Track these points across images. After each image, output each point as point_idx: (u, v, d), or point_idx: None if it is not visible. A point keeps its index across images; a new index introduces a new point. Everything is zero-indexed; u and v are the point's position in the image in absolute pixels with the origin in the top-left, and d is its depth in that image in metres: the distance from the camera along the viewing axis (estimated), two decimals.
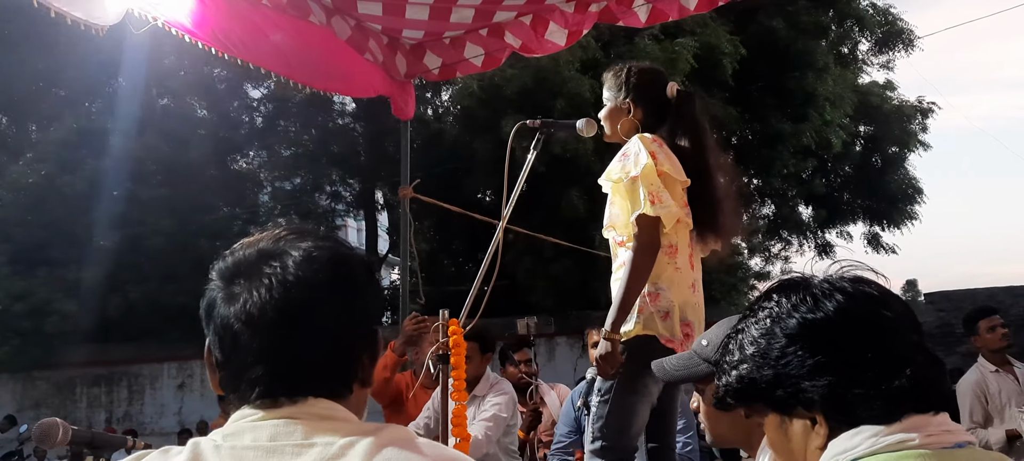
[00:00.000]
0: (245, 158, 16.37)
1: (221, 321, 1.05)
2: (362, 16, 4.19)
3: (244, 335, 1.03)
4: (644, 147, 2.66)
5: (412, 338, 4.06)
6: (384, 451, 1.00)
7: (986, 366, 4.80)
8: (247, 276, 1.06)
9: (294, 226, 1.14)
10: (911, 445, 1.07)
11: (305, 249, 1.08)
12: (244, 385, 1.04)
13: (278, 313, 1.03)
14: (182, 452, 1.03)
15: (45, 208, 13.00)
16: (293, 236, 1.10)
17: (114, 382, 13.72)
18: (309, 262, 1.06)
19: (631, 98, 2.84)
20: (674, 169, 2.67)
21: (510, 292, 10.63)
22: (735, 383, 1.18)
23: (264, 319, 1.03)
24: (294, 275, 1.05)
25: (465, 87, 11.63)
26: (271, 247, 1.09)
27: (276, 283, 1.04)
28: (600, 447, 2.66)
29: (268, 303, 1.03)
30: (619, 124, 2.86)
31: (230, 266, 1.08)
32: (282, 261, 1.06)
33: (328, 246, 1.10)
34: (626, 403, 2.61)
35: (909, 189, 14.84)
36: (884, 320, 1.12)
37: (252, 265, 1.07)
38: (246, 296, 1.04)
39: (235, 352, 1.04)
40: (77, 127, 13.58)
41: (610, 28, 10.25)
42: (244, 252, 1.09)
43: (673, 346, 2.57)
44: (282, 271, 1.05)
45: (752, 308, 1.20)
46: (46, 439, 2.10)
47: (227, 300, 1.06)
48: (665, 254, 2.68)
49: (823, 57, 12.88)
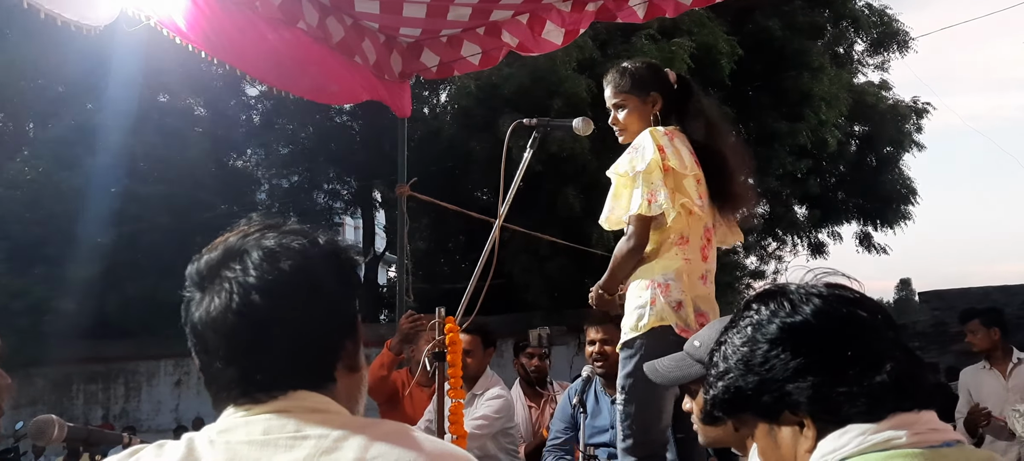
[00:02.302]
0: (242, 156, 16.34)
1: (190, 326, 1.06)
2: (359, 14, 4.19)
3: (211, 340, 1.04)
4: (653, 141, 2.71)
5: (408, 336, 4.07)
6: (378, 444, 1.01)
7: (980, 363, 4.92)
8: (211, 279, 1.06)
9: (265, 221, 1.13)
10: (898, 444, 1.09)
11: (267, 248, 1.07)
12: (221, 387, 1.05)
13: (239, 317, 1.03)
14: (177, 447, 1.04)
15: (42, 205, 12.96)
16: (257, 233, 1.10)
17: (111, 379, 13.70)
18: (269, 260, 1.06)
19: (655, 91, 2.89)
20: (681, 164, 2.71)
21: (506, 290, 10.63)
22: (722, 394, 1.21)
23: (227, 324, 1.03)
24: (256, 276, 1.04)
25: (462, 86, 11.61)
26: (236, 244, 1.08)
27: (236, 286, 1.04)
28: (631, 444, 2.68)
29: (228, 308, 1.03)
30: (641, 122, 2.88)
31: (199, 269, 1.08)
32: (243, 262, 1.06)
33: (291, 241, 1.09)
34: (650, 397, 2.63)
35: (903, 189, 14.86)
36: (861, 319, 1.15)
37: (214, 267, 1.07)
38: (208, 301, 1.05)
39: (206, 354, 1.05)
40: (74, 124, 13.53)
41: (607, 28, 10.24)
42: (211, 254, 1.09)
43: (688, 336, 2.59)
44: (243, 273, 1.05)
45: (734, 320, 1.23)
46: (42, 436, 2.11)
47: (196, 304, 1.06)
48: (675, 245, 2.73)
49: (819, 57, 12.88)
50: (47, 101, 14.36)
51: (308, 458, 0.99)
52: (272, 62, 3.78)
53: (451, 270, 13.65)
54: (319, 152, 14.55)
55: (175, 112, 14.45)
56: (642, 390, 2.61)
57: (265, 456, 1.00)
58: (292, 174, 15.39)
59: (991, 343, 4.87)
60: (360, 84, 4.32)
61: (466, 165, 11.97)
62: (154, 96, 13.68)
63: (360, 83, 4.31)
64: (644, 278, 2.73)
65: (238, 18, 3.49)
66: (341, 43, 4.13)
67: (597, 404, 4.04)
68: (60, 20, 2.68)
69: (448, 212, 5.49)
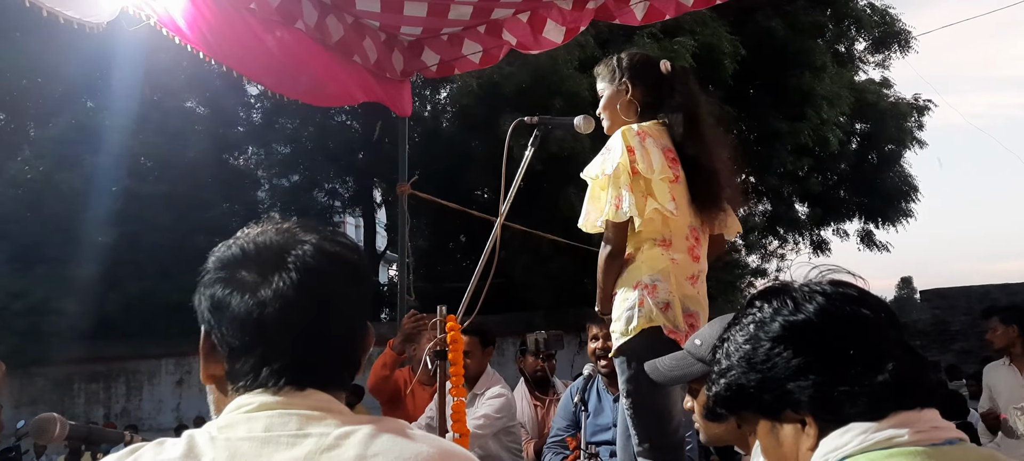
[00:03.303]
0: (243, 154, 16.36)
1: (243, 310, 1.05)
2: (360, 13, 4.19)
3: (272, 322, 1.04)
4: (622, 143, 2.65)
5: (411, 335, 4.07)
6: (379, 442, 1.01)
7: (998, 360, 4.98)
8: (268, 265, 1.07)
9: (291, 221, 1.15)
10: (900, 442, 1.08)
11: (316, 242, 1.10)
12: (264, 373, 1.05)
13: (306, 300, 1.05)
14: (177, 444, 1.04)
15: (43, 205, 12.98)
16: (299, 229, 1.12)
17: (112, 378, 13.72)
18: (323, 253, 1.09)
19: (627, 79, 2.82)
20: (649, 167, 2.64)
21: (508, 289, 10.63)
22: (724, 391, 1.21)
23: (291, 307, 1.04)
24: (315, 264, 1.07)
25: (463, 85, 11.62)
26: (282, 239, 1.10)
27: (299, 272, 1.06)
28: (647, 448, 2.66)
29: (296, 290, 1.05)
30: (618, 107, 2.84)
31: (238, 256, 1.09)
32: (299, 251, 1.08)
33: (334, 238, 1.12)
34: (655, 398, 2.60)
35: (905, 187, 14.87)
36: (863, 318, 1.15)
37: (267, 255, 1.08)
38: (274, 282, 1.05)
39: (257, 339, 1.05)
40: (75, 124, 13.54)
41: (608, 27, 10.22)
42: (254, 242, 1.10)
43: (676, 337, 2.57)
44: (302, 260, 1.07)
45: (737, 317, 1.24)
46: (44, 434, 2.11)
47: (241, 289, 1.06)
48: (658, 247, 2.68)
49: (821, 56, 12.89)
50: (47, 100, 14.37)
51: (309, 455, 0.99)
52: (269, 65, 3.78)
53: (452, 269, 13.65)
54: (319, 151, 14.57)
55: (176, 112, 14.46)
56: (646, 392, 2.59)
57: (266, 453, 1.00)
58: (292, 173, 15.41)
59: (1009, 340, 4.91)
60: (357, 85, 4.31)
61: (467, 164, 11.98)
62: (155, 96, 13.68)
63: (357, 84, 4.31)
64: (630, 280, 2.68)
65: (234, 20, 3.49)
66: (341, 42, 4.13)
67: (599, 402, 4.05)
68: (62, 18, 2.68)
69: (449, 211, 5.49)
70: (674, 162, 2.71)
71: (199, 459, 1.01)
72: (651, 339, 2.58)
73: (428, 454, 1.01)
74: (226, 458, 1.00)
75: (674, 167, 2.70)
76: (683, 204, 2.71)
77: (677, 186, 2.70)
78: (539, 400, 4.73)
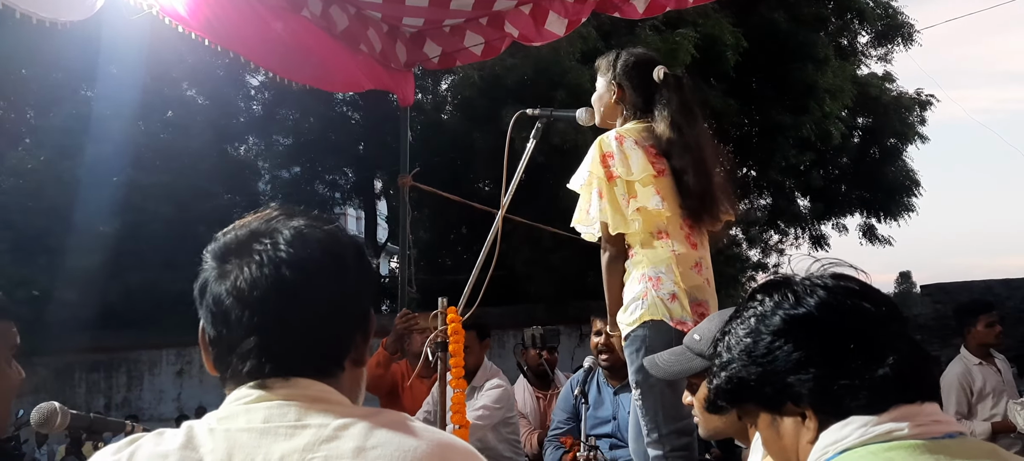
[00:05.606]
0: (244, 145, 16.35)
1: (213, 298, 1.07)
2: (362, 3, 4.18)
3: (235, 310, 1.05)
4: (598, 150, 2.71)
5: (402, 334, 4.10)
6: (378, 434, 1.01)
7: (970, 358, 4.90)
8: (238, 254, 1.07)
9: (285, 208, 1.15)
10: (900, 435, 1.08)
11: (295, 228, 1.09)
12: (236, 359, 1.05)
13: (269, 287, 1.04)
14: (176, 435, 1.04)
15: (45, 195, 12.97)
16: (284, 216, 1.12)
17: (113, 368, 13.74)
18: (300, 239, 1.08)
19: (617, 80, 2.84)
20: (628, 170, 2.66)
21: (509, 282, 10.63)
22: (725, 384, 1.21)
23: (254, 293, 1.04)
24: (285, 251, 1.06)
25: (465, 77, 11.59)
26: (262, 226, 1.10)
27: (267, 259, 1.06)
28: (656, 438, 2.67)
29: (259, 278, 1.05)
30: (603, 106, 2.89)
31: (222, 246, 1.10)
32: (273, 238, 1.08)
33: (318, 226, 1.11)
34: (661, 389, 2.60)
35: (907, 181, 14.83)
36: (865, 311, 1.15)
37: (243, 243, 1.09)
38: (237, 272, 1.06)
39: (226, 327, 1.06)
40: (76, 113, 13.52)
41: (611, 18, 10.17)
42: (236, 232, 1.11)
43: (684, 328, 2.56)
44: (273, 248, 1.07)
45: (738, 311, 1.24)
46: (45, 424, 2.11)
47: (219, 277, 1.07)
48: (656, 239, 2.69)
49: (823, 49, 12.84)
50: (47, 89, 14.33)
51: (308, 447, 0.99)
52: (276, 50, 3.77)
53: (453, 261, 13.65)
54: (320, 142, 14.55)
55: (177, 102, 14.45)
56: (654, 381, 2.60)
57: (265, 444, 1.00)
58: (293, 164, 15.40)
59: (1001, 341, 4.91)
60: (363, 72, 4.31)
61: (469, 156, 11.96)
62: (156, 86, 13.66)
63: (364, 71, 4.31)
64: (635, 273, 2.71)
65: (241, 6, 3.48)
66: (345, 32, 4.12)
67: (599, 395, 4.05)
68: (35, 19, 2.56)
69: (450, 203, 5.48)
70: (658, 157, 2.72)
71: (198, 450, 1.01)
72: (655, 331, 2.60)
73: (427, 446, 1.01)
74: (225, 449, 1.00)
75: (658, 162, 2.71)
76: (670, 197, 2.71)
77: (661, 180, 2.71)
78: (541, 392, 4.75)
